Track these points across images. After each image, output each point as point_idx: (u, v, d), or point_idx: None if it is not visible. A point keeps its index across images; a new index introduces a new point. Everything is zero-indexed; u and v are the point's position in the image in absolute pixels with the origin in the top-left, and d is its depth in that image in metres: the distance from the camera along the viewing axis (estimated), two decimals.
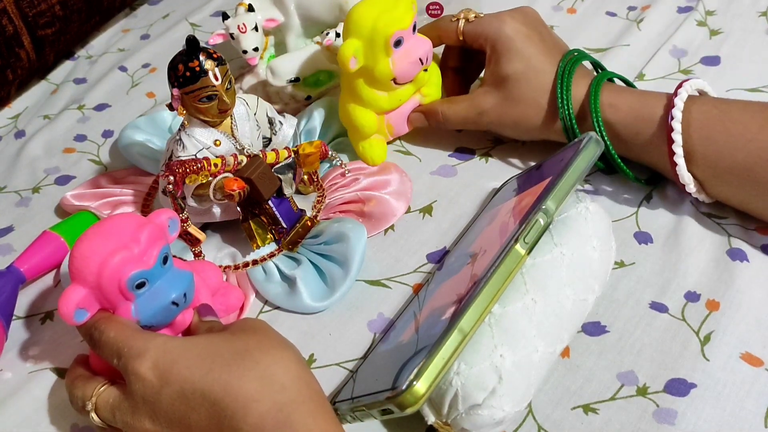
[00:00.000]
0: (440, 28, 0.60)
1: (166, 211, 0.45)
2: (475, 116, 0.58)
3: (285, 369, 0.38)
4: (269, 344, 0.40)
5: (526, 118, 0.55)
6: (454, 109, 0.58)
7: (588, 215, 0.46)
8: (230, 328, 0.42)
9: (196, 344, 0.40)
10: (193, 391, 0.37)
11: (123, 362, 0.39)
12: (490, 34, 0.56)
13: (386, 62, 0.55)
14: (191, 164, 0.51)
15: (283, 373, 0.38)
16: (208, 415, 0.37)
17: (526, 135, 0.58)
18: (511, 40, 0.55)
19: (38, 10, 0.74)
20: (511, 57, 0.55)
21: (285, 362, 0.38)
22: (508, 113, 0.56)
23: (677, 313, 0.48)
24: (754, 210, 0.50)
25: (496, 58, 0.56)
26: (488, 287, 0.40)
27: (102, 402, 0.41)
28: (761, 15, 0.72)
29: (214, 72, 0.49)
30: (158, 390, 0.38)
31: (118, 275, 0.40)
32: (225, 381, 0.37)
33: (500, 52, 0.55)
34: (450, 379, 0.40)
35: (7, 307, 0.51)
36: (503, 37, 0.55)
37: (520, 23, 0.56)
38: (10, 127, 0.75)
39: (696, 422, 0.42)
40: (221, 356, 0.38)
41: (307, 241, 0.54)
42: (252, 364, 0.38)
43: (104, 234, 0.41)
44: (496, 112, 0.56)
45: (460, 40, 0.59)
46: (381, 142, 0.60)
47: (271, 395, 0.37)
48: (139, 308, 0.42)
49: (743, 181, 0.48)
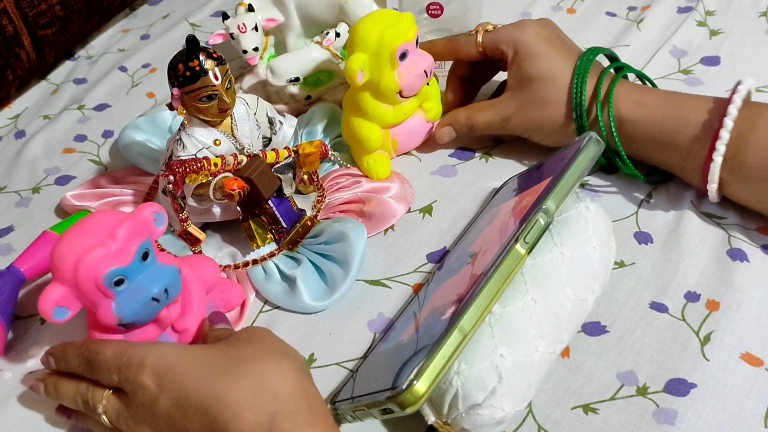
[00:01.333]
0: (458, 43, 0.60)
1: (150, 204, 0.44)
2: (501, 121, 0.58)
3: (280, 377, 0.38)
4: (265, 352, 0.39)
5: (552, 120, 0.56)
6: (481, 116, 0.59)
7: (588, 215, 0.46)
8: (231, 337, 0.42)
9: (191, 353, 0.40)
10: (186, 400, 0.37)
11: (123, 374, 0.40)
12: (512, 39, 0.57)
13: (392, 75, 0.55)
14: (191, 164, 0.51)
15: (278, 381, 0.37)
16: (201, 424, 0.37)
17: (552, 137, 0.58)
18: (533, 43, 0.56)
19: (38, 10, 0.74)
20: (534, 59, 0.55)
21: (280, 371, 0.38)
22: (534, 116, 0.56)
23: (677, 313, 0.48)
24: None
25: (519, 62, 0.56)
26: (488, 287, 0.40)
27: (110, 407, 0.41)
28: (761, 15, 0.72)
29: (214, 72, 0.49)
30: (155, 397, 0.38)
31: (94, 272, 0.40)
32: (217, 390, 0.37)
33: (523, 55, 0.56)
34: (450, 379, 0.40)
35: (7, 307, 0.51)
36: (525, 41, 0.56)
37: (541, 28, 0.57)
38: (10, 127, 0.75)
39: (696, 422, 0.42)
40: (215, 364, 0.38)
41: (307, 241, 0.54)
42: (245, 373, 0.37)
43: (82, 231, 0.41)
44: (522, 115, 0.57)
45: (479, 51, 0.59)
46: (385, 157, 0.60)
47: (264, 404, 0.36)
48: (119, 305, 0.41)
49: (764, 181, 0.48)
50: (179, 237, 0.53)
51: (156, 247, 0.46)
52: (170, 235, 0.57)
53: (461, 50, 0.60)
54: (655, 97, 0.53)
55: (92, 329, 0.44)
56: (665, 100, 0.53)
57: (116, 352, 0.40)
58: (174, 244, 0.57)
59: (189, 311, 0.46)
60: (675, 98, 0.53)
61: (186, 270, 0.46)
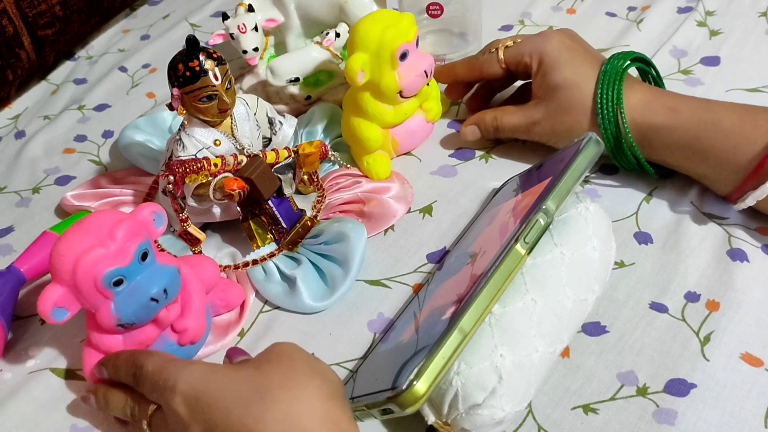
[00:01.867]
0: (481, 62, 0.61)
1: (149, 205, 0.44)
2: (528, 125, 0.58)
3: (308, 407, 0.36)
4: (293, 377, 0.38)
5: (579, 126, 0.56)
6: (508, 119, 0.59)
7: (588, 215, 0.46)
8: (257, 358, 0.40)
9: (220, 380, 0.38)
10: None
11: (157, 395, 0.39)
12: (536, 50, 0.57)
13: (392, 75, 0.55)
14: (191, 164, 0.51)
15: (306, 412, 0.36)
16: None
17: None
18: (558, 51, 0.56)
19: (38, 10, 0.74)
20: (559, 67, 0.56)
21: (309, 399, 0.37)
22: (560, 123, 0.56)
23: (677, 313, 0.48)
24: None
25: (544, 71, 0.56)
26: (488, 287, 0.40)
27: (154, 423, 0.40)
28: (761, 15, 0.72)
29: (214, 72, 0.49)
30: (187, 426, 0.38)
31: (93, 273, 0.40)
32: (243, 424, 0.36)
33: (548, 64, 0.56)
34: (450, 379, 0.40)
35: (7, 307, 0.51)
36: (549, 50, 0.56)
37: (564, 37, 0.57)
38: (10, 128, 0.75)
39: (696, 422, 0.42)
40: (242, 395, 0.37)
41: (307, 241, 0.54)
42: (271, 404, 0.36)
43: (81, 232, 0.41)
44: (549, 122, 0.57)
45: (503, 68, 0.59)
46: (385, 157, 0.60)
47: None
48: (118, 306, 0.41)
49: None
50: (179, 237, 0.53)
51: (155, 248, 0.46)
52: (170, 235, 0.57)
53: (484, 69, 0.61)
54: (690, 104, 0.53)
55: (91, 329, 0.44)
56: (699, 106, 0.52)
57: (155, 369, 0.40)
58: (174, 244, 0.57)
59: (188, 311, 0.46)
60: (708, 104, 0.52)
61: (186, 270, 0.46)
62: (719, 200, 0.54)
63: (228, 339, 0.50)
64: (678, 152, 0.53)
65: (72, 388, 0.49)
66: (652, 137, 0.53)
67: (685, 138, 0.52)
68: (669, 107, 0.53)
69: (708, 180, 0.53)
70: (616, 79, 0.54)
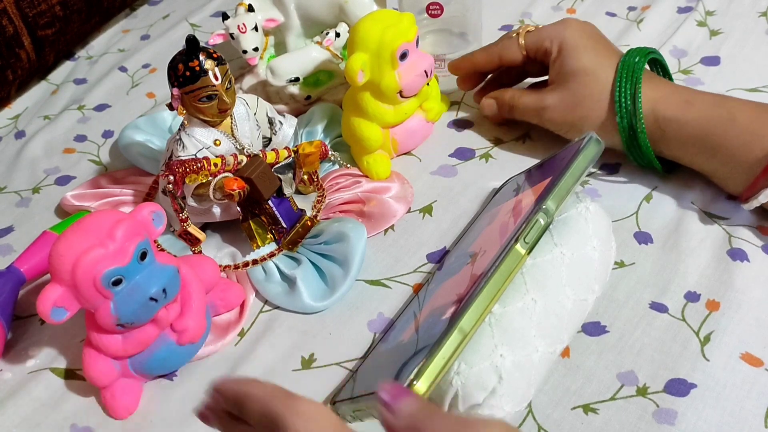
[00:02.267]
0: (501, 47, 0.61)
1: (149, 204, 0.44)
2: (539, 110, 0.58)
3: None
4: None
5: (588, 120, 0.56)
6: (523, 100, 0.59)
7: (588, 215, 0.46)
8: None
9: None
10: None
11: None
12: (556, 35, 0.57)
13: (392, 75, 0.56)
14: (191, 164, 0.51)
15: None
16: None
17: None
18: (578, 37, 0.56)
19: (38, 10, 0.74)
20: (579, 53, 0.56)
21: None
22: (571, 113, 0.56)
23: (677, 313, 0.48)
24: None
25: (563, 57, 0.56)
26: (488, 287, 0.40)
27: None
28: (761, 15, 0.72)
29: (214, 72, 0.49)
30: None
31: (92, 273, 0.40)
32: None
33: (567, 50, 0.56)
34: (450, 379, 0.40)
35: (7, 307, 0.51)
36: (570, 36, 0.56)
37: (585, 26, 0.57)
38: (10, 128, 0.75)
39: (696, 422, 0.42)
40: None
41: (307, 241, 0.54)
42: None
43: (80, 231, 0.41)
44: (560, 110, 0.57)
45: (523, 54, 0.59)
46: (385, 157, 0.60)
47: None
48: (117, 305, 0.41)
49: None
50: (179, 237, 0.53)
51: (155, 247, 0.46)
52: (170, 235, 0.57)
53: (504, 55, 0.60)
54: (703, 97, 0.53)
55: (91, 329, 0.44)
56: (713, 101, 0.52)
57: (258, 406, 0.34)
58: (174, 244, 0.57)
59: (188, 311, 0.46)
60: (723, 100, 0.52)
61: (185, 270, 0.46)
62: (720, 200, 0.54)
63: (228, 339, 0.50)
64: (691, 147, 0.53)
65: (72, 388, 0.49)
66: (666, 130, 0.53)
67: (697, 132, 0.52)
68: (684, 100, 0.53)
69: (719, 177, 0.53)
70: (635, 71, 0.54)
